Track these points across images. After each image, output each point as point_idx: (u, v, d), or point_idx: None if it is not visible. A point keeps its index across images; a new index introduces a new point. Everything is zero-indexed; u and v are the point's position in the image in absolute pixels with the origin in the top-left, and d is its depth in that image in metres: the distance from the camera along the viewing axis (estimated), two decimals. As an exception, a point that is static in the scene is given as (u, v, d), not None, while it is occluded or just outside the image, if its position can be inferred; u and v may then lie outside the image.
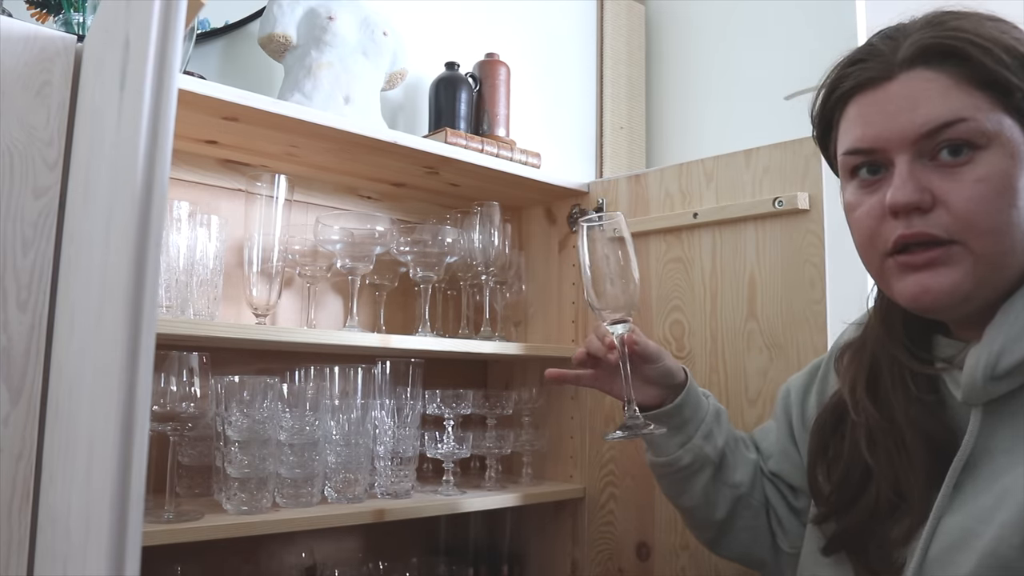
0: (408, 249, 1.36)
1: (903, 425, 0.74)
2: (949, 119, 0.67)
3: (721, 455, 0.97)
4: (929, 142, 0.68)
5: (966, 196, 0.66)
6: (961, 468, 0.70)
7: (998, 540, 0.64)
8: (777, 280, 1.25)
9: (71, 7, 1.25)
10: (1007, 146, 0.67)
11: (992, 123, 0.67)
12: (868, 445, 0.77)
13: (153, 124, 0.53)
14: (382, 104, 1.52)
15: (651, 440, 1.00)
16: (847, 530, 0.78)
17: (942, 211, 0.67)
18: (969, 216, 0.66)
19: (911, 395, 0.75)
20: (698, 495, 0.97)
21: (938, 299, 0.69)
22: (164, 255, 1.11)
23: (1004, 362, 0.67)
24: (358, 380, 1.25)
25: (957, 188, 0.67)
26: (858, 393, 0.79)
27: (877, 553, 0.74)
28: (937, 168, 0.68)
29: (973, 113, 0.67)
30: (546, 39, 2.09)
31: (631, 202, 1.48)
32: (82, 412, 0.64)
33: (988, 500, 0.67)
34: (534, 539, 1.59)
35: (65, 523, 0.66)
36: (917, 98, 0.68)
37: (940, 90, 0.68)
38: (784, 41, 2.01)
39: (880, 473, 0.75)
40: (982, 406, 0.70)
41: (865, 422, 0.77)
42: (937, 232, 0.67)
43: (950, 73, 0.68)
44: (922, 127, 0.68)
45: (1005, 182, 0.66)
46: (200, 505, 1.12)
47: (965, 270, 0.67)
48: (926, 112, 0.68)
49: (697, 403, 0.98)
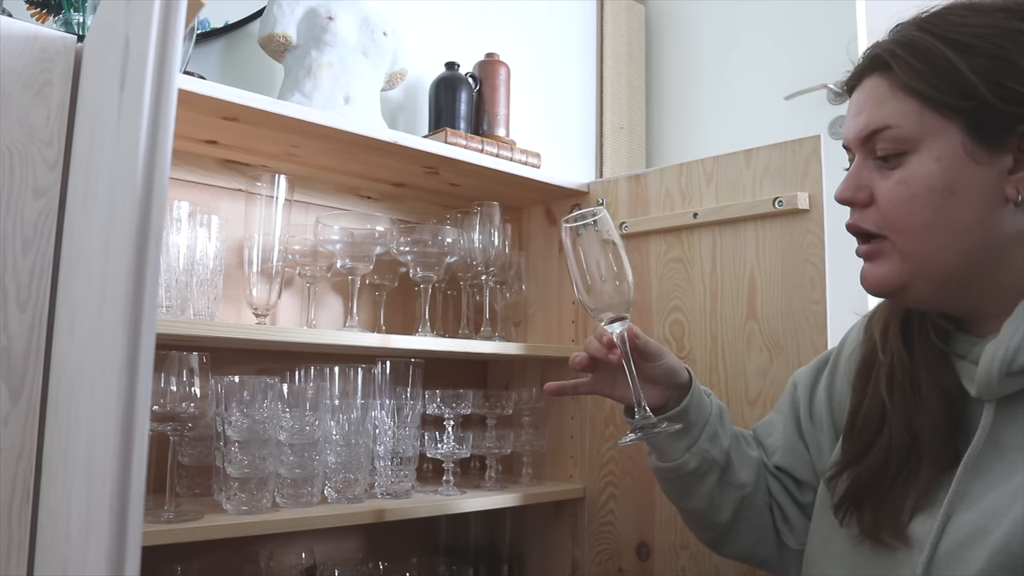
0: (408, 249, 1.36)
1: (920, 368, 0.76)
2: (878, 126, 0.73)
3: (727, 457, 0.95)
4: (869, 145, 0.75)
5: (889, 196, 0.73)
6: (972, 464, 0.70)
7: (1010, 537, 0.64)
8: (777, 280, 1.25)
9: (71, 7, 1.25)
10: (934, 150, 0.71)
11: (918, 129, 0.71)
12: (887, 384, 0.78)
13: (153, 124, 0.53)
14: (382, 104, 1.52)
15: (655, 444, 0.97)
16: (860, 478, 0.78)
17: (874, 208, 0.74)
18: (889, 215, 0.73)
19: (932, 346, 0.77)
20: (704, 498, 0.95)
21: (874, 287, 0.76)
22: (164, 255, 1.11)
23: (1021, 358, 0.67)
24: (358, 380, 1.25)
25: (885, 188, 0.73)
26: (890, 332, 0.81)
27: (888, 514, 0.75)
28: (878, 168, 0.74)
29: (899, 120, 0.72)
30: (546, 39, 2.09)
31: (631, 202, 1.48)
32: (82, 412, 0.64)
33: (1000, 497, 0.67)
34: (534, 539, 1.59)
35: (65, 523, 0.66)
36: (863, 104, 0.76)
37: (878, 97, 0.74)
38: (784, 41, 2.01)
39: (894, 412, 0.77)
40: (995, 402, 0.71)
41: (889, 360, 0.79)
42: (866, 226, 0.75)
43: (891, 80, 0.73)
44: (861, 132, 0.75)
45: (927, 183, 0.71)
46: (200, 505, 1.12)
47: (893, 264, 0.74)
48: (864, 118, 0.75)
49: (701, 404, 0.96)
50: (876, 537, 0.75)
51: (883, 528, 0.75)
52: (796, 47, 1.98)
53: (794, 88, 1.87)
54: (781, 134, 1.28)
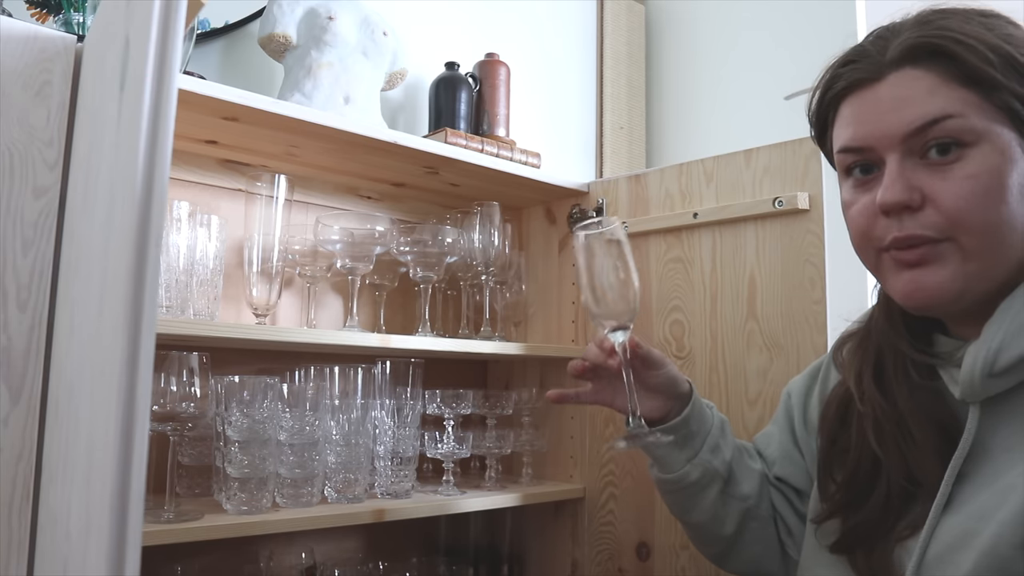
0: (408, 249, 1.36)
1: (907, 412, 0.74)
2: (936, 116, 0.67)
3: (729, 468, 0.94)
4: (917, 140, 0.68)
5: (955, 194, 0.67)
6: (959, 467, 0.70)
7: (997, 539, 0.64)
8: (777, 280, 1.25)
9: (71, 7, 1.25)
10: (996, 143, 0.67)
11: (980, 120, 0.67)
12: (876, 435, 0.76)
13: (153, 124, 0.53)
14: (382, 104, 1.52)
15: (657, 456, 0.96)
16: (860, 525, 0.77)
17: (931, 209, 0.68)
18: (958, 214, 0.67)
19: (913, 383, 0.75)
20: (707, 511, 0.94)
21: (931, 296, 0.70)
22: (164, 255, 1.11)
23: (1003, 359, 0.67)
24: (358, 380, 1.25)
25: (946, 186, 0.67)
26: (864, 383, 0.78)
27: (882, 551, 0.74)
28: (927, 166, 0.68)
29: (960, 110, 0.67)
30: (546, 39, 2.09)
31: (631, 202, 1.48)
32: (82, 412, 0.64)
33: (988, 499, 0.67)
34: (534, 539, 1.59)
35: (65, 523, 0.66)
36: (904, 97, 0.69)
37: (927, 88, 0.68)
38: (784, 41, 2.01)
39: (890, 462, 0.75)
40: (980, 404, 0.70)
41: (872, 412, 0.77)
42: (927, 232, 0.68)
43: (937, 71, 0.68)
44: (909, 125, 0.68)
45: (994, 179, 0.66)
46: (200, 505, 1.12)
47: (955, 267, 0.68)
48: (913, 110, 0.68)
49: (702, 415, 0.95)
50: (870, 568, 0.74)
51: (877, 567, 0.74)
52: (796, 47, 1.98)
53: (794, 88, 1.87)
54: (781, 134, 1.28)
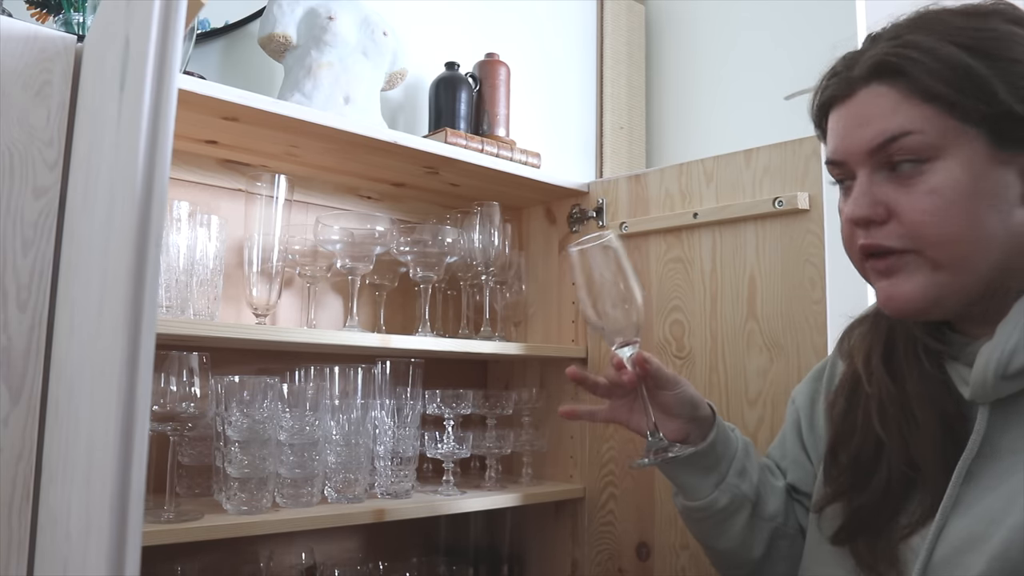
0: (408, 249, 1.36)
1: (913, 396, 0.74)
2: (895, 133, 0.69)
3: (757, 491, 0.91)
4: (882, 155, 0.70)
5: (916, 208, 0.68)
6: (967, 468, 0.70)
7: (1008, 543, 0.64)
8: (777, 280, 1.25)
9: (71, 7, 1.25)
10: (958, 156, 0.68)
11: (940, 135, 0.68)
12: (880, 417, 0.76)
13: (153, 124, 0.53)
14: (382, 104, 1.52)
15: (682, 483, 0.92)
16: (862, 509, 0.76)
17: (895, 223, 0.70)
18: (919, 227, 0.68)
19: (924, 369, 0.75)
20: (737, 536, 0.90)
21: (904, 305, 0.71)
22: (164, 255, 1.11)
23: (1017, 361, 0.67)
24: (358, 380, 1.25)
25: (909, 200, 0.69)
26: (873, 363, 0.78)
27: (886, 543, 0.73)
28: (893, 180, 0.70)
29: (919, 126, 0.68)
30: (546, 39, 2.09)
31: (631, 202, 1.48)
32: (82, 412, 0.64)
33: (996, 502, 0.67)
34: (534, 539, 1.59)
35: (65, 523, 0.66)
36: (869, 114, 0.71)
37: (890, 105, 0.70)
38: (784, 41, 2.01)
39: (892, 445, 0.75)
40: (989, 405, 0.70)
41: (878, 393, 0.77)
42: (890, 243, 0.70)
43: (899, 88, 0.70)
44: (872, 142, 0.70)
45: (956, 192, 0.67)
46: (200, 505, 1.12)
47: (924, 277, 0.69)
48: (875, 127, 0.70)
49: (727, 439, 0.91)
50: (873, 569, 0.74)
51: (880, 560, 0.73)
52: (796, 47, 1.98)
53: (794, 88, 1.87)
54: (781, 134, 1.28)
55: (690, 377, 1.33)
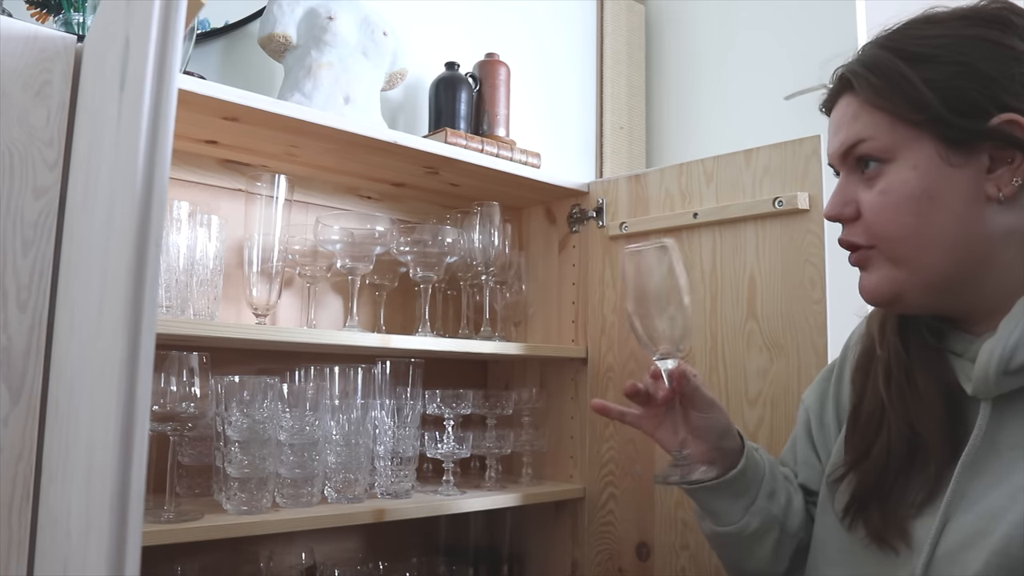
0: (408, 249, 1.36)
1: (916, 363, 0.77)
2: (853, 140, 0.76)
3: (784, 511, 0.90)
4: (850, 159, 0.77)
5: (872, 206, 0.75)
6: (970, 464, 0.70)
7: (1008, 539, 0.64)
8: (777, 280, 1.25)
9: (71, 7, 1.25)
10: (909, 159, 0.72)
11: (891, 139, 0.73)
12: (884, 380, 0.78)
13: (153, 124, 0.53)
14: (382, 104, 1.52)
15: (711, 508, 0.90)
16: (864, 480, 0.77)
17: (861, 220, 0.76)
18: (875, 225, 0.75)
19: (928, 343, 0.78)
20: (766, 558, 0.89)
21: (871, 296, 0.77)
22: (164, 255, 1.11)
23: (1019, 357, 0.67)
24: (358, 380, 1.25)
25: (868, 198, 0.75)
26: (887, 328, 0.81)
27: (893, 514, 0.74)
28: (863, 180, 0.76)
29: (872, 132, 0.74)
30: (546, 39, 2.09)
31: (631, 202, 1.48)
32: (82, 412, 0.64)
33: (999, 498, 0.67)
34: (534, 539, 1.59)
35: (65, 523, 0.66)
36: (839, 122, 0.78)
37: (852, 113, 0.76)
38: (784, 41, 2.01)
39: (892, 408, 0.76)
40: (992, 401, 0.70)
41: (886, 356, 0.79)
42: (855, 239, 0.77)
43: (860, 97, 0.76)
44: (840, 147, 0.77)
45: (906, 192, 0.72)
46: (200, 505, 1.12)
47: (884, 272, 0.75)
48: (842, 134, 0.77)
49: (756, 464, 0.90)
50: (883, 538, 0.75)
51: (890, 528, 0.74)
52: (796, 47, 1.98)
53: (794, 88, 1.87)
54: (781, 134, 1.28)
55: (690, 377, 1.33)
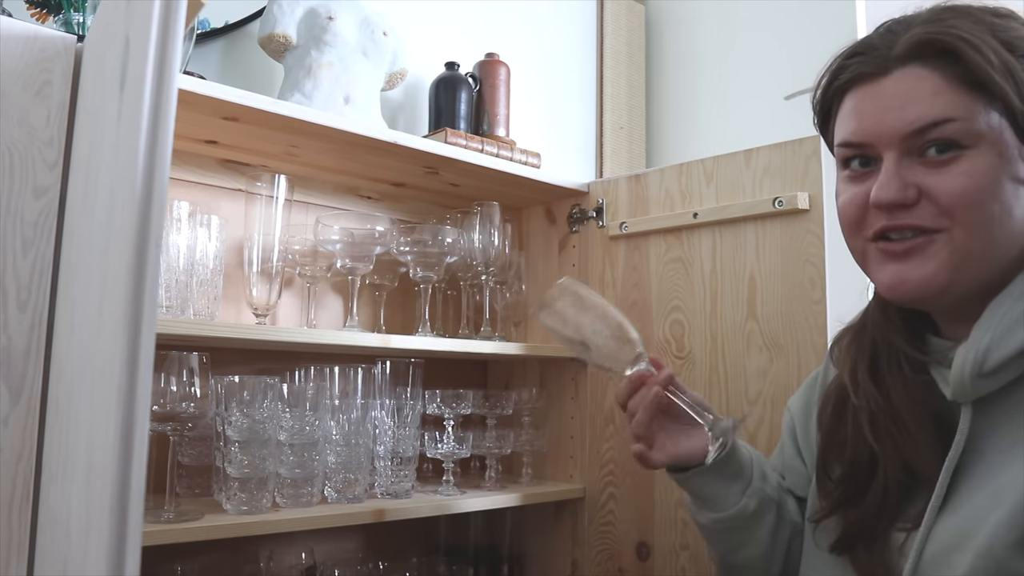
0: (408, 249, 1.36)
1: (901, 407, 0.74)
2: (937, 119, 0.68)
3: (779, 493, 0.90)
4: (917, 140, 0.69)
5: (951, 189, 0.68)
6: (953, 468, 0.70)
7: (992, 540, 0.64)
8: (777, 280, 1.25)
9: (71, 7, 1.25)
10: (995, 145, 0.68)
11: (981, 123, 0.68)
12: (871, 429, 0.76)
13: (153, 124, 0.53)
14: (382, 104, 1.52)
15: (707, 495, 0.89)
16: (859, 521, 0.76)
17: (927, 203, 0.69)
18: (953, 207, 0.68)
19: (907, 377, 0.75)
20: (764, 542, 0.88)
21: (914, 289, 0.71)
22: (164, 255, 1.11)
23: (991, 359, 0.68)
24: (358, 380, 1.25)
25: (943, 180, 0.68)
26: (859, 376, 0.78)
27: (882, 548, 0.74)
28: (924, 164, 0.69)
29: (962, 114, 0.68)
30: (546, 39, 2.09)
31: (631, 202, 1.48)
32: (82, 412, 0.64)
33: (982, 500, 0.67)
34: (534, 539, 1.59)
35: (65, 523, 0.66)
36: (908, 96, 0.70)
37: (931, 89, 0.69)
38: (784, 41, 2.01)
39: (886, 455, 0.75)
40: (971, 404, 0.71)
41: (867, 406, 0.77)
42: (921, 222, 0.69)
43: (943, 72, 0.69)
44: (911, 126, 0.69)
45: (990, 178, 0.67)
46: (200, 505, 1.12)
47: (941, 261, 0.69)
48: (916, 111, 0.69)
49: (739, 446, 0.89)
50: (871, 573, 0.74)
51: (878, 566, 0.74)
52: (796, 46, 1.98)
53: (794, 88, 1.87)
54: (781, 134, 1.28)
55: (690, 377, 1.33)
